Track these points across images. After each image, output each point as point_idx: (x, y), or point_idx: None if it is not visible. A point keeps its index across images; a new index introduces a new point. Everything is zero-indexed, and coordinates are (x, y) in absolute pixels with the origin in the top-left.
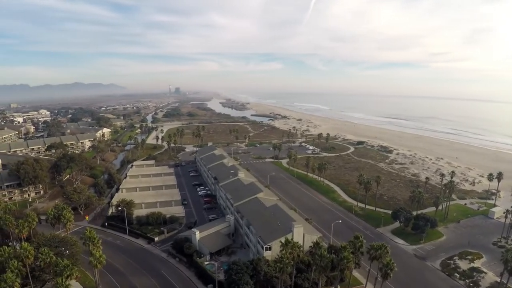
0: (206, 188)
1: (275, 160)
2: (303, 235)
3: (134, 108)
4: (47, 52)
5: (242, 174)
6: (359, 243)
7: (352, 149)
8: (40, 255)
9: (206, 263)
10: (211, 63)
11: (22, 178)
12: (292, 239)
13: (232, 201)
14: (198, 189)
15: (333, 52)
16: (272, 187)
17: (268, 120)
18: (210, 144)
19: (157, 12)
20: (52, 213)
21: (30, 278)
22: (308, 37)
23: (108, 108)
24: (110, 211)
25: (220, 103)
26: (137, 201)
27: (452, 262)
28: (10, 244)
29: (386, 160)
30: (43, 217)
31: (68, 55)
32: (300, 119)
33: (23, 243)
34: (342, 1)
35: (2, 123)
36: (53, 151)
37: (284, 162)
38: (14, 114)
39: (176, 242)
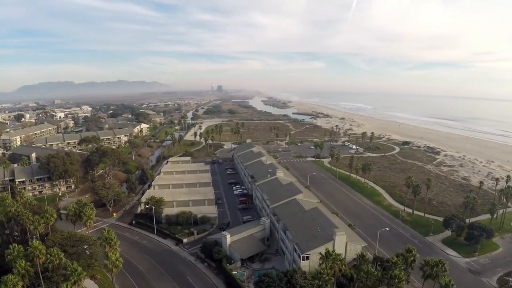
0: (243, 187)
1: (316, 159)
2: (345, 244)
3: (175, 105)
4: (91, 51)
5: (280, 173)
6: (412, 258)
7: (397, 149)
8: (48, 255)
9: (235, 271)
10: (254, 62)
11: (52, 171)
12: (333, 249)
13: (268, 202)
14: (234, 188)
15: (375, 51)
16: (313, 188)
17: (310, 118)
18: (248, 141)
19: (201, 12)
20: (73, 209)
21: (41, 279)
22: (350, 36)
23: (150, 104)
24: (139, 209)
25: (261, 101)
26: (168, 199)
27: (511, 279)
28: (29, 241)
29: (434, 162)
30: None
31: (112, 53)
32: (343, 118)
33: (34, 241)
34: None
35: (43, 117)
36: (86, 145)
37: (325, 161)
38: (56, 109)
39: (205, 246)
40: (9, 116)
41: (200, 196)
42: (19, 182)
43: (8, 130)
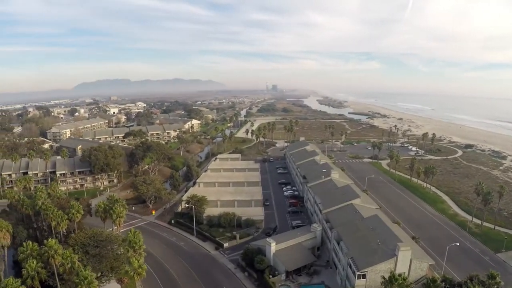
0: (294, 188)
1: (373, 160)
2: (410, 261)
3: (230, 103)
4: (148, 49)
5: (335, 175)
6: (495, 286)
7: (460, 152)
8: (60, 258)
9: (279, 284)
10: (309, 62)
11: (93, 164)
12: (396, 267)
13: (321, 206)
14: (284, 188)
15: (432, 52)
16: (370, 191)
17: (367, 118)
18: (302, 139)
19: (256, 11)
20: (103, 205)
21: (57, 281)
22: (406, 36)
23: (204, 102)
24: (180, 207)
25: (317, 100)
26: (212, 198)
27: None
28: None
29: (500, 167)
30: None
31: (168, 52)
32: (400, 119)
33: (50, 239)
34: None
35: (95, 112)
36: (132, 138)
37: (384, 163)
38: (111, 105)
39: (246, 253)
40: (64, 111)
41: (247, 196)
42: (60, 174)
43: (60, 124)
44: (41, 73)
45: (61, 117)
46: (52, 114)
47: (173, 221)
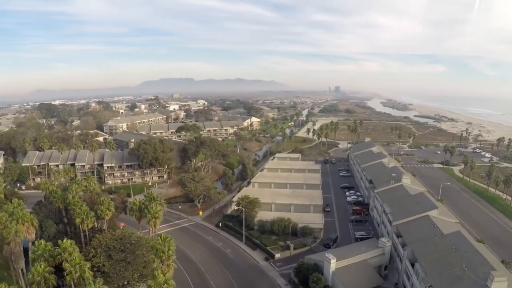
0: (358, 193)
1: (444, 166)
2: None
3: (291, 103)
4: (210, 49)
5: (407, 180)
6: None
7: None
8: (67, 265)
9: None
10: (372, 63)
11: (141, 158)
12: None
13: (390, 216)
14: (347, 193)
15: (500, 55)
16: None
17: (434, 122)
18: (367, 139)
19: (319, 12)
20: (138, 203)
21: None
22: (472, 38)
23: (266, 101)
24: (230, 209)
25: (380, 102)
26: (266, 200)
27: None
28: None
29: None
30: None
31: (230, 52)
32: (470, 123)
33: (65, 240)
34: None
35: (155, 108)
36: (185, 133)
37: (455, 169)
38: (172, 102)
39: (300, 268)
40: (126, 107)
41: (305, 200)
42: (107, 167)
43: (118, 118)
44: (106, 71)
45: (122, 112)
46: (113, 109)
47: (220, 224)
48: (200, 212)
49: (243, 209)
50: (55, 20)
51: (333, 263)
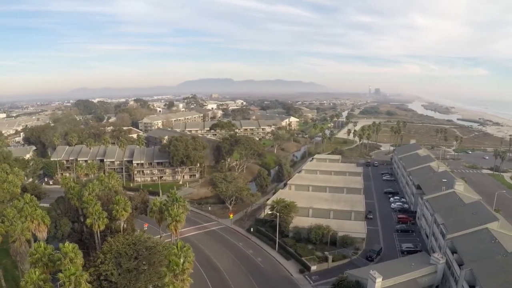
0: (403, 200)
1: (494, 172)
2: None
3: (331, 104)
4: (249, 50)
5: (460, 186)
6: None
7: None
8: (61, 275)
9: None
10: (412, 66)
11: (171, 155)
12: None
13: (444, 228)
14: (391, 199)
15: None
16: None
17: (478, 125)
18: (412, 141)
19: (359, 13)
20: (158, 204)
21: None
22: None
23: (305, 102)
24: (263, 213)
25: (421, 105)
26: (303, 204)
27: None
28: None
29: None
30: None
31: (269, 53)
32: None
33: (66, 243)
34: None
35: (192, 107)
36: (219, 130)
37: (506, 176)
38: (210, 101)
39: (339, 285)
40: (164, 105)
41: (346, 205)
42: (137, 164)
43: (154, 115)
44: (147, 71)
45: (159, 110)
46: (152, 107)
47: (252, 229)
48: (231, 215)
49: (278, 213)
50: (96, 21)
51: (378, 282)
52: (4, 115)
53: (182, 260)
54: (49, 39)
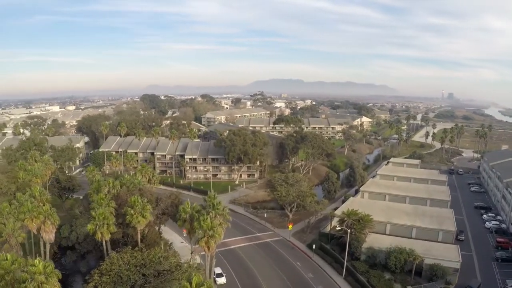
0: (499, 218)
1: None
2: None
3: (403, 107)
4: (320, 51)
5: None
6: None
7: None
8: None
9: None
10: (486, 70)
11: (227, 151)
12: None
13: None
14: (484, 216)
15: None
16: None
17: None
18: (504, 147)
19: (430, 14)
20: (189, 210)
21: None
22: None
23: (376, 104)
24: (329, 225)
25: (499, 111)
26: (379, 218)
27: None
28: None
29: None
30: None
31: (340, 55)
32: None
33: (37, 259)
34: None
35: (259, 103)
36: (283, 126)
37: None
38: (279, 99)
39: None
40: (231, 102)
41: (432, 222)
42: (189, 159)
43: (219, 111)
44: (217, 70)
45: (226, 107)
46: (219, 103)
47: (314, 246)
48: (290, 226)
49: (348, 230)
50: (170, 21)
51: None
52: (73, 107)
53: None
54: (124, 38)
